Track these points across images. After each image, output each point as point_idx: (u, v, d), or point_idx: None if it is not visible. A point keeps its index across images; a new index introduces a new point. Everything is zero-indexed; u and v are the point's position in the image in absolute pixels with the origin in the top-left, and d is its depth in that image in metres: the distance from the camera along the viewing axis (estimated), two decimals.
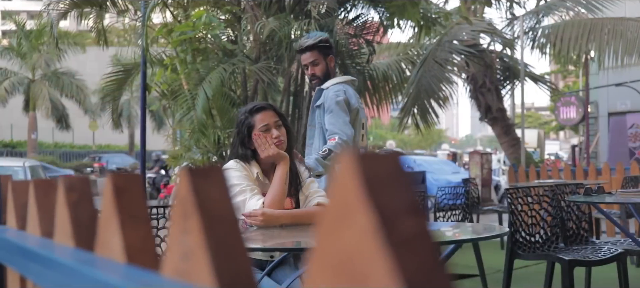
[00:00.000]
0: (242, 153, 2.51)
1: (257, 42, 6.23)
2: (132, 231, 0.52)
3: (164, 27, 6.05)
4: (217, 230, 0.37)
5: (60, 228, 0.71)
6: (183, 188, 0.40)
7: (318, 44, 3.34)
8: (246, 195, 2.39)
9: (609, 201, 3.40)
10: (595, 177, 7.21)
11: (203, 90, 5.52)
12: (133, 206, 0.53)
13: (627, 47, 9.26)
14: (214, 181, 0.39)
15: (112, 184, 0.54)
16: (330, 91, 3.28)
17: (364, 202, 0.25)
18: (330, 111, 3.22)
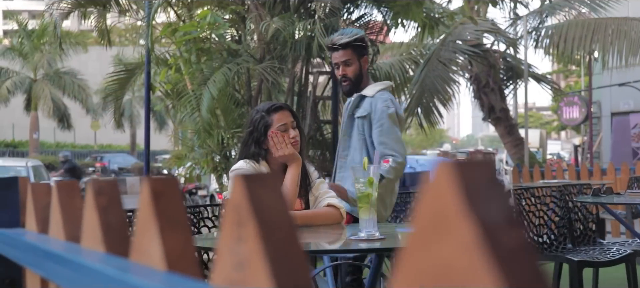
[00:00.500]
0: (254, 152, 2.48)
1: (261, 42, 6.22)
2: (171, 237, 0.51)
3: (168, 27, 6.03)
4: (274, 238, 0.36)
5: (89, 233, 0.69)
6: (237, 195, 0.38)
7: (353, 43, 3.00)
8: None
9: (617, 202, 3.38)
10: (600, 177, 7.19)
11: (208, 90, 5.50)
12: (172, 211, 0.52)
13: (632, 47, 9.23)
14: (269, 187, 0.38)
15: (149, 188, 0.53)
16: (378, 101, 2.95)
17: (464, 212, 0.24)
18: (381, 125, 2.91)
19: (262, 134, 2.47)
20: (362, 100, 3.01)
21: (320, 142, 7.32)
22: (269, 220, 0.36)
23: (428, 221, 0.26)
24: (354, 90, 3.07)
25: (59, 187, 0.86)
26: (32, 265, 0.87)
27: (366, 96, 2.99)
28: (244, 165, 2.46)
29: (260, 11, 6.10)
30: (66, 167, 14.23)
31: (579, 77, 27.06)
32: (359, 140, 3.00)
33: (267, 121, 2.48)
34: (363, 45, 3.04)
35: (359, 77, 3.02)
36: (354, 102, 3.04)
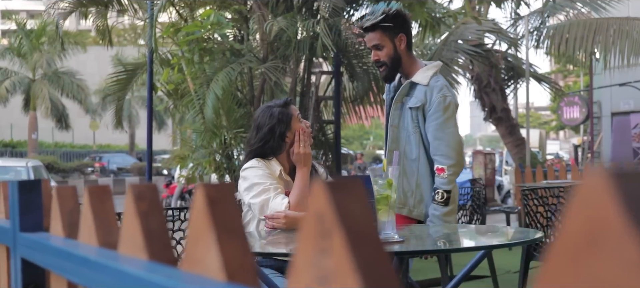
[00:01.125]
0: (274, 146, 2.47)
1: (264, 42, 6.20)
2: (230, 246, 0.49)
3: (171, 27, 6.01)
4: (363, 250, 0.33)
5: (129, 239, 0.67)
6: (320, 203, 0.36)
7: (380, 23, 2.66)
8: (270, 195, 2.37)
9: None
10: None
11: (212, 91, 5.48)
12: (229, 218, 0.50)
13: (634, 47, 9.23)
14: (354, 195, 0.36)
15: (204, 195, 0.50)
16: (433, 91, 2.63)
17: (627, 227, 0.22)
18: (437, 118, 2.61)
19: (288, 127, 2.47)
20: (414, 88, 2.68)
21: (322, 143, 7.30)
22: (357, 230, 0.34)
23: (580, 234, 0.24)
24: (394, 75, 2.77)
25: (90, 192, 0.84)
26: (62, 270, 0.85)
27: (418, 84, 2.66)
28: (255, 163, 2.46)
29: (263, 11, 6.08)
30: None
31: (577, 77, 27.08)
32: (414, 133, 2.68)
33: (288, 113, 2.49)
34: (392, 25, 2.66)
35: (396, 59, 2.69)
36: (402, 90, 2.70)
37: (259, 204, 2.38)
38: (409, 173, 2.72)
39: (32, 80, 22.85)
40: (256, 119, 2.60)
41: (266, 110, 2.57)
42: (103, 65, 28.79)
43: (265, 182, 2.40)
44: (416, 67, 2.77)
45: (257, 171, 2.44)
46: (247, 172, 2.48)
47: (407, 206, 2.71)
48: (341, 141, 7.46)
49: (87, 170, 23.04)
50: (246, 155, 2.59)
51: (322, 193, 0.36)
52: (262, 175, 2.43)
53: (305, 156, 2.45)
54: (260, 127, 2.53)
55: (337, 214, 0.34)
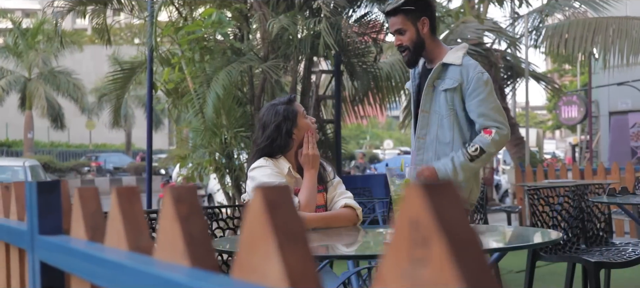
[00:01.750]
0: (281, 144, 2.45)
1: (265, 41, 6.16)
2: (292, 253, 0.45)
3: (171, 25, 5.96)
4: (466, 259, 0.30)
5: (167, 244, 0.63)
6: (414, 209, 0.33)
7: (402, 7, 2.62)
8: None
9: (635, 202, 3.34)
10: (604, 176, 7.16)
11: (213, 90, 5.43)
12: (290, 224, 0.46)
13: (633, 47, 9.23)
14: (450, 199, 0.32)
15: (263, 198, 0.47)
16: (469, 69, 2.60)
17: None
18: (478, 95, 2.56)
19: (294, 123, 2.45)
20: (446, 70, 2.64)
21: (323, 142, 7.27)
22: (459, 238, 0.31)
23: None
24: (417, 59, 2.74)
25: (118, 193, 0.81)
26: (89, 275, 0.81)
27: (452, 64, 2.62)
28: (263, 163, 2.43)
29: (263, 10, 6.05)
30: None
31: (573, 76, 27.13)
32: (448, 116, 2.63)
33: (293, 110, 2.48)
34: (414, 9, 2.62)
35: (419, 43, 2.65)
36: (435, 72, 2.64)
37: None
38: (442, 157, 2.66)
39: (28, 80, 22.74)
40: (261, 118, 2.57)
41: (270, 108, 2.55)
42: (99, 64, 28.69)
43: (274, 180, 2.37)
44: (441, 50, 2.73)
45: (265, 170, 2.42)
46: (255, 172, 2.45)
47: None
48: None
49: (84, 169, 22.94)
50: (253, 155, 2.56)
51: (417, 197, 0.33)
52: (271, 174, 2.40)
53: (313, 157, 2.42)
54: (266, 126, 2.50)
55: (436, 220, 0.31)
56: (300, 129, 2.49)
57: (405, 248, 0.33)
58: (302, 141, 2.49)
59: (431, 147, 2.71)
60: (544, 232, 2.12)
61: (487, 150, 2.56)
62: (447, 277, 0.30)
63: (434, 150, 2.70)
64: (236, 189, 6.68)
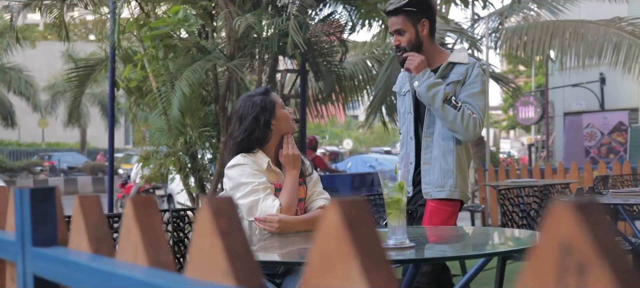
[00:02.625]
0: (259, 137, 2.38)
1: (231, 39, 6.06)
2: (377, 276, 0.41)
3: (135, 22, 5.80)
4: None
5: (207, 262, 0.58)
6: (567, 231, 0.29)
7: (404, 7, 2.65)
8: (259, 196, 2.27)
9: (604, 202, 3.40)
10: (564, 175, 7.33)
11: (179, 88, 5.31)
12: (372, 243, 0.42)
13: (588, 50, 9.48)
14: (604, 221, 0.29)
15: (341, 214, 0.43)
16: (474, 67, 2.70)
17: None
18: (474, 87, 2.66)
19: (272, 114, 2.38)
20: (452, 68, 2.70)
21: None
22: (620, 266, 0.27)
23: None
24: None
25: (134, 204, 0.75)
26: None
27: (459, 63, 2.70)
28: (242, 160, 2.35)
29: (229, 7, 5.94)
30: None
31: (528, 77, 27.79)
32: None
33: (271, 101, 2.41)
34: (415, 10, 2.65)
35: (417, 45, 2.69)
36: (443, 70, 2.70)
37: (247, 205, 2.28)
38: (447, 152, 2.70)
39: None
40: (237, 110, 2.49)
41: (247, 99, 2.47)
42: (52, 61, 27.86)
43: (253, 180, 2.30)
44: (440, 53, 2.79)
45: (244, 169, 2.34)
46: (234, 171, 2.37)
47: (447, 187, 2.67)
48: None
49: (36, 169, 22.22)
50: (231, 150, 2.46)
51: (569, 218, 0.29)
52: (250, 173, 2.33)
53: (294, 158, 2.37)
54: (243, 118, 2.42)
55: (595, 246, 0.27)
56: (278, 120, 2.42)
57: (553, 274, 0.29)
58: (282, 135, 2.43)
59: (437, 144, 2.74)
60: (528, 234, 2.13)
61: (458, 117, 2.59)
62: None
63: (440, 147, 2.73)
64: (201, 190, 6.56)
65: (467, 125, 2.60)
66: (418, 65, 2.66)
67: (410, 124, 2.84)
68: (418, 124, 2.84)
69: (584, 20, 10.28)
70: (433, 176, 2.72)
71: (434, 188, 2.72)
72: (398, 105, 3.01)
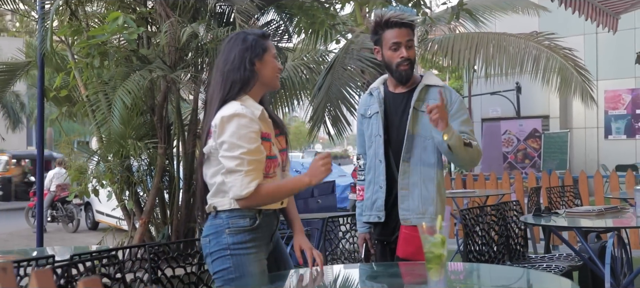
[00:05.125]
0: (246, 77, 2.18)
1: (171, 48, 5.80)
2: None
3: (68, 27, 5.42)
4: None
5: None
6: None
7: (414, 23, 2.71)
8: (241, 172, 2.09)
9: (562, 225, 3.53)
10: (496, 185, 7.61)
11: (119, 99, 5.01)
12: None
13: (511, 61, 9.90)
14: None
15: None
16: (452, 92, 2.71)
17: None
18: (462, 115, 2.66)
19: (258, 55, 2.21)
20: (428, 91, 2.68)
21: None
22: None
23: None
24: (411, 77, 2.75)
25: None
26: None
27: (434, 85, 2.69)
28: (241, 110, 2.11)
29: (170, 15, 5.69)
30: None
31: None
32: (431, 138, 2.65)
33: (264, 44, 2.24)
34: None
35: (414, 61, 2.72)
36: (420, 94, 2.67)
37: (227, 171, 2.10)
38: (427, 179, 2.66)
39: None
40: (224, 49, 2.26)
41: (238, 36, 2.26)
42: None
43: (247, 146, 2.08)
44: (413, 76, 2.77)
45: (241, 124, 2.08)
46: (231, 125, 2.09)
47: (428, 214, 2.62)
48: None
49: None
50: (220, 86, 2.18)
51: None
52: (246, 135, 2.09)
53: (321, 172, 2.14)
54: (231, 50, 2.22)
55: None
56: (265, 64, 2.23)
57: None
58: (265, 87, 2.24)
59: (416, 170, 2.68)
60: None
61: (476, 153, 2.58)
62: None
63: (419, 173, 2.68)
64: (136, 205, 6.26)
65: (477, 157, 2.62)
66: (446, 120, 2.55)
67: (379, 146, 2.78)
68: (388, 147, 2.78)
69: (505, 33, 10.74)
70: (412, 202, 2.67)
71: (414, 214, 2.66)
72: (361, 127, 2.93)
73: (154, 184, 6.11)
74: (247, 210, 2.14)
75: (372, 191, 2.83)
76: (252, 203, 2.12)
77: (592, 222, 3.41)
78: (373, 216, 2.79)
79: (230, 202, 2.15)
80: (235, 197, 2.12)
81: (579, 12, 7.75)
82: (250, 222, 2.15)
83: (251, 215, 2.15)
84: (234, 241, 2.13)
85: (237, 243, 2.12)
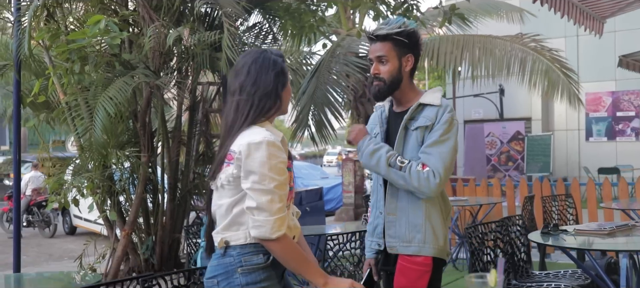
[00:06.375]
0: (275, 104, 1.99)
1: (155, 52, 5.55)
2: None
3: (46, 31, 5.14)
4: None
5: None
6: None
7: (394, 35, 2.38)
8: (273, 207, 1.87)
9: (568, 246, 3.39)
10: (487, 193, 7.50)
11: (102, 107, 4.75)
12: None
13: (497, 64, 9.82)
14: None
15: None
16: (445, 111, 2.38)
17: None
18: (438, 131, 2.34)
19: (285, 84, 2.03)
20: (422, 110, 2.41)
21: (211, 159, 6.79)
22: None
23: None
24: (386, 95, 2.48)
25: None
26: None
27: (430, 105, 2.39)
28: (270, 137, 1.90)
29: (154, 19, 5.43)
30: None
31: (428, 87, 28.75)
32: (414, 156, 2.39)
33: (286, 69, 2.05)
34: (407, 42, 2.40)
35: (397, 80, 2.41)
36: (412, 112, 2.41)
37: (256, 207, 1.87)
38: (414, 204, 2.39)
39: None
40: (247, 63, 2.01)
41: (264, 57, 2.01)
42: None
43: (277, 178, 1.87)
44: (415, 93, 2.48)
45: (271, 154, 1.88)
46: (261, 152, 1.87)
47: (415, 242, 2.37)
48: None
49: None
50: (242, 119, 1.95)
51: None
52: (276, 165, 1.88)
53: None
54: (260, 72, 1.98)
55: None
56: (286, 91, 2.04)
57: None
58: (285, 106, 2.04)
59: (404, 194, 2.44)
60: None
61: (407, 179, 2.31)
62: None
63: (407, 198, 2.43)
64: (119, 215, 6.00)
65: (419, 184, 2.31)
66: (356, 135, 2.43)
67: None
68: None
69: (490, 35, 10.68)
70: (399, 229, 2.44)
71: (400, 242, 2.43)
72: None
73: (137, 194, 5.86)
74: (261, 245, 1.93)
75: (374, 216, 2.64)
76: (273, 248, 1.91)
77: (606, 243, 3.27)
78: (374, 243, 2.61)
79: (245, 236, 1.94)
80: (261, 238, 1.90)
81: (568, 16, 7.66)
82: (264, 259, 1.94)
83: (264, 250, 1.94)
84: (248, 282, 1.92)
85: (251, 284, 1.92)
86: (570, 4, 7.37)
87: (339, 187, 13.70)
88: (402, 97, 2.49)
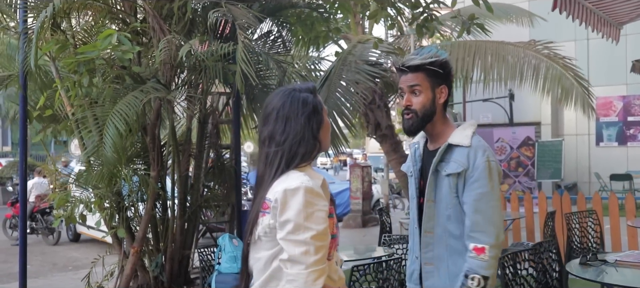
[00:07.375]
0: (312, 148, 1.83)
1: (167, 65, 5.36)
2: None
3: (54, 43, 4.95)
4: None
5: None
6: None
7: (428, 66, 2.25)
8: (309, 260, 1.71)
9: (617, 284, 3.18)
10: (504, 205, 7.30)
11: (112, 125, 4.57)
12: None
13: (510, 70, 9.65)
14: None
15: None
16: (478, 154, 2.21)
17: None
18: (480, 188, 2.17)
19: (322, 121, 1.86)
20: (451, 152, 2.25)
21: (221, 171, 6.60)
22: None
23: None
24: (419, 129, 2.32)
25: None
26: None
27: (459, 146, 2.24)
28: (308, 182, 1.74)
29: (164, 30, 5.24)
30: None
31: None
32: (455, 206, 2.23)
33: (321, 103, 1.88)
34: (442, 72, 2.25)
35: (430, 112, 2.27)
36: (440, 154, 2.27)
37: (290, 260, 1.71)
38: (456, 253, 2.23)
39: None
40: (279, 107, 1.83)
41: (291, 94, 1.84)
42: None
43: (317, 227, 1.71)
44: (448, 128, 2.32)
45: (310, 201, 1.71)
46: (297, 199, 1.71)
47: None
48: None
49: None
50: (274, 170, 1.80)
51: None
52: (316, 214, 1.71)
53: None
54: (289, 118, 1.81)
55: None
56: (324, 129, 1.87)
57: None
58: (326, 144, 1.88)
59: (441, 242, 2.29)
60: None
61: (487, 273, 2.14)
62: None
63: (445, 245, 2.28)
64: (127, 231, 5.81)
65: (495, 271, 2.20)
66: None
67: (414, 210, 2.42)
68: (421, 214, 2.38)
69: (503, 41, 10.49)
70: (439, 280, 2.29)
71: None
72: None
73: (146, 210, 5.68)
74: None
75: (411, 260, 2.48)
76: None
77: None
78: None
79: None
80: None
81: (585, 23, 7.46)
82: None
83: None
84: None
85: None
86: (587, 10, 7.18)
87: (346, 192, 13.52)
88: (435, 131, 2.34)
